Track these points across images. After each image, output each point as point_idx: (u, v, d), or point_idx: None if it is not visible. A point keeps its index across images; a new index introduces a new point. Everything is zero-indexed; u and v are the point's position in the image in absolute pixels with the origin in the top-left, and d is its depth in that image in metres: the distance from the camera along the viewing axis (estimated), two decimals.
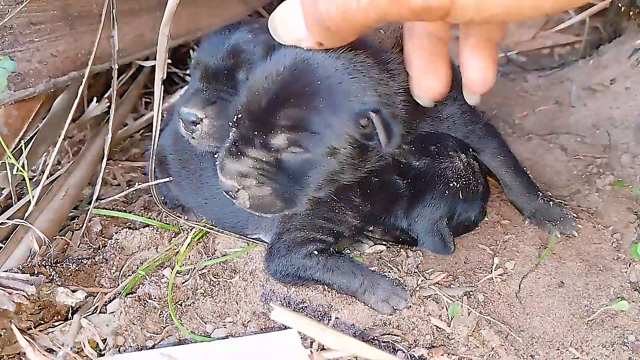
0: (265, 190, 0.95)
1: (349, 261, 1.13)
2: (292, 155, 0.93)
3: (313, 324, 0.84)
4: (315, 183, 0.96)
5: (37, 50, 1.31)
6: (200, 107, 1.11)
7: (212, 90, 1.13)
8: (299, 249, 1.13)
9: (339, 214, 1.16)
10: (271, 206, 0.98)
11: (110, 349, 1.00)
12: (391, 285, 1.10)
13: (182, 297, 1.14)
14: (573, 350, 1.02)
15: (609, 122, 1.65)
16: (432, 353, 0.99)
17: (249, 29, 1.14)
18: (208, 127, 1.11)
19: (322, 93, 0.88)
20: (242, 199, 0.97)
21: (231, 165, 0.94)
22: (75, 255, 1.23)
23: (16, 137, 1.37)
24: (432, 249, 1.19)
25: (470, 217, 1.23)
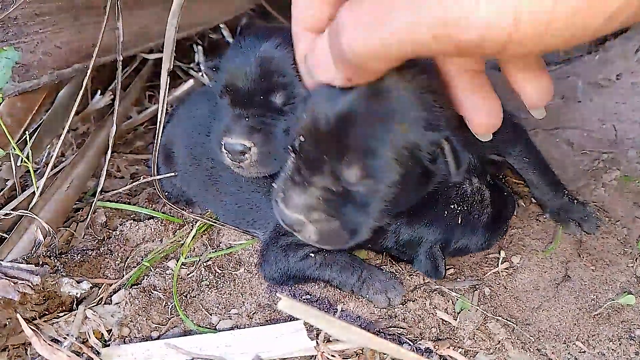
0: (334, 224, 0.86)
1: (345, 255, 1.12)
2: (365, 188, 0.84)
3: (321, 315, 0.84)
4: (379, 212, 0.87)
5: (41, 41, 1.30)
6: (246, 136, 1.04)
7: (252, 116, 1.06)
8: (296, 252, 1.11)
9: None
10: (338, 239, 0.88)
11: (115, 339, 1.00)
12: (388, 278, 1.09)
13: (187, 288, 1.14)
14: (580, 344, 1.01)
15: (615, 117, 1.65)
16: (438, 346, 0.99)
17: (275, 43, 1.06)
18: (257, 156, 1.06)
19: (395, 117, 0.80)
20: (310, 233, 0.87)
21: (297, 198, 0.85)
22: (79, 247, 1.23)
23: (20, 129, 1.36)
24: (423, 271, 1.13)
25: (468, 245, 1.15)
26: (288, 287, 1.13)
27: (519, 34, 0.54)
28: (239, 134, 1.05)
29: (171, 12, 1.21)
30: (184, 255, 1.20)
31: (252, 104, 1.07)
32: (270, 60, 1.04)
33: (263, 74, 1.05)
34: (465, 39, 0.55)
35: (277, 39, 1.06)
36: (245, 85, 1.06)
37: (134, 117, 1.79)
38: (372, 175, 0.82)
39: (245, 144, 1.04)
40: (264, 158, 1.06)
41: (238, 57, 1.07)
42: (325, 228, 0.86)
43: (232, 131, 1.06)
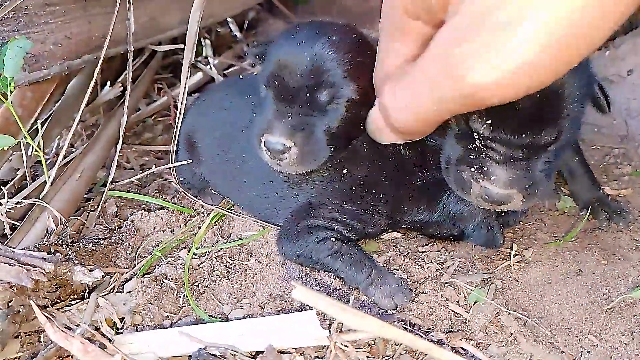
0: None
1: (361, 252, 1.11)
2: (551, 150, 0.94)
3: (334, 303, 0.84)
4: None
5: (51, 32, 1.30)
6: (288, 135, 1.01)
7: (296, 114, 1.03)
8: (317, 233, 1.12)
9: (375, 216, 1.15)
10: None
11: (127, 327, 1.00)
12: (398, 282, 1.08)
13: (198, 278, 1.14)
14: (592, 337, 1.01)
15: (626, 113, 1.65)
16: (451, 338, 0.99)
17: (330, 41, 1.03)
18: (297, 155, 1.03)
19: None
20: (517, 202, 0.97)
21: (507, 173, 0.95)
22: (91, 236, 1.23)
23: (31, 119, 1.37)
24: (481, 242, 1.15)
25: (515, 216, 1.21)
26: (302, 264, 1.15)
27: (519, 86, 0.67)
28: (281, 132, 1.02)
29: (194, 5, 1.21)
30: (195, 245, 1.20)
31: (297, 100, 1.03)
32: (322, 58, 1.02)
33: (313, 70, 1.02)
34: (481, 102, 0.71)
35: (333, 37, 1.04)
36: (293, 79, 1.02)
37: (142, 109, 1.80)
38: (560, 138, 0.92)
39: (286, 143, 1.02)
40: (304, 158, 1.04)
41: (289, 49, 1.04)
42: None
43: (273, 129, 1.03)
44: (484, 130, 0.92)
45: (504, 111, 0.86)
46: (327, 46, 1.02)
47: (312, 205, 1.15)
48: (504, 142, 0.92)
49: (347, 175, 1.14)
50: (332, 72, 1.02)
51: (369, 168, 1.14)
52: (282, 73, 1.03)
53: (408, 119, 0.84)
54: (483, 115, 0.90)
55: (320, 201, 1.15)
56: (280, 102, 1.04)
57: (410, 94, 0.81)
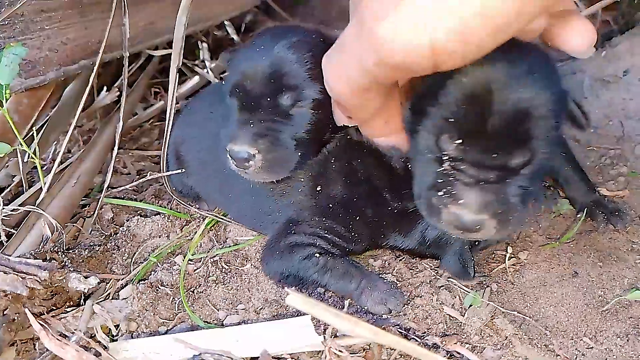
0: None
1: (347, 262, 1.10)
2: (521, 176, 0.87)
3: (329, 310, 0.84)
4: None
5: (47, 38, 1.30)
6: (251, 143, 1.01)
7: (258, 121, 1.03)
8: (301, 251, 1.10)
9: (355, 234, 1.13)
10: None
11: (123, 334, 1.00)
12: (389, 287, 1.07)
13: (194, 284, 1.14)
14: (587, 340, 1.01)
15: (622, 114, 1.65)
16: (446, 341, 0.99)
17: (289, 44, 1.03)
18: (262, 162, 1.03)
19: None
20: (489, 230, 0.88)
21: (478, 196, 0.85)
22: (87, 242, 1.24)
23: (27, 125, 1.36)
24: (453, 273, 1.12)
25: (493, 242, 1.17)
26: (290, 285, 1.12)
27: (440, 55, 0.66)
28: (243, 141, 1.02)
29: (180, 9, 1.21)
30: (191, 252, 1.20)
31: (260, 107, 1.04)
32: (281, 61, 1.02)
33: (273, 75, 1.02)
34: (394, 63, 0.69)
35: (290, 39, 1.04)
36: (254, 87, 1.03)
37: (139, 114, 1.80)
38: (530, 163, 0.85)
39: (250, 151, 1.02)
40: (269, 164, 1.04)
41: (250, 57, 1.04)
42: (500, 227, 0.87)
43: (236, 137, 1.03)
44: (454, 151, 0.86)
45: (474, 130, 0.82)
46: (286, 49, 1.02)
47: (292, 221, 1.14)
48: (474, 164, 0.85)
49: (322, 192, 1.12)
50: (292, 75, 1.02)
51: (342, 187, 1.12)
52: (243, 81, 1.03)
53: (343, 90, 0.82)
54: (453, 135, 0.85)
55: (300, 217, 1.13)
56: (243, 111, 1.05)
57: (340, 63, 0.80)
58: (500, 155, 0.83)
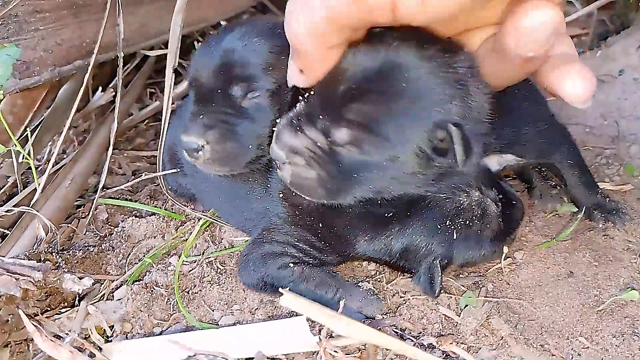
0: (310, 174, 0.89)
1: (323, 272, 1.09)
2: (349, 153, 0.86)
3: (323, 310, 0.84)
4: (365, 185, 0.89)
5: (41, 38, 1.30)
6: (200, 134, 1.02)
7: (209, 112, 1.03)
8: (275, 260, 1.09)
9: (325, 243, 1.11)
10: (311, 191, 0.92)
11: (117, 335, 1.00)
12: (365, 295, 1.07)
13: (189, 284, 1.14)
14: (583, 339, 1.01)
15: (617, 113, 1.65)
16: (441, 342, 0.99)
17: (239, 34, 1.03)
18: (211, 153, 1.03)
19: (406, 96, 0.81)
20: (286, 173, 0.92)
21: (286, 137, 0.89)
22: (81, 243, 1.23)
23: (21, 126, 1.36)
24: (420, 287, 1.08)
25: (474, 259, 1.10)
26: (266, 294, 1.11)
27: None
28: (192, 131, 1.03)
29: (175, 10, 1.20)
30: (185, 252, 1.20)
31: (212, 99, 1.04)
32: (231, 52, 1.02)
33: (222, 66, 1.02)
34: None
35: (241, 30, 1.04)
36: (206, 79, 1.04)
37: (135, 114, 1.79)
38: (361, 145, 0.84)
39: (199, 142, 1.02)
40: (219, 156, 1.04)
41: (203, 52, 1.06)
42: (301, 174, 0.90)
43: (187, 129, 1.04)
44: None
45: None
46: (236, 40, 1.02)
47: (265, 230, 1.12)
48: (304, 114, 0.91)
49: (290, 199, 1.10)
50: (242, 66, 1.01)
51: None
52: (197, 74, 1.05)
53: (300, 31, 0.76)
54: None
55: (272, 224, 1.12)
56: (197, 103, 1.06)
57: (302, 2, 0.75)
58: (326, 121, 0.86)
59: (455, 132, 0.80)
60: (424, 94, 0.81)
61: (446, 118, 0.81)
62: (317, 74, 0.84)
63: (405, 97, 0.80)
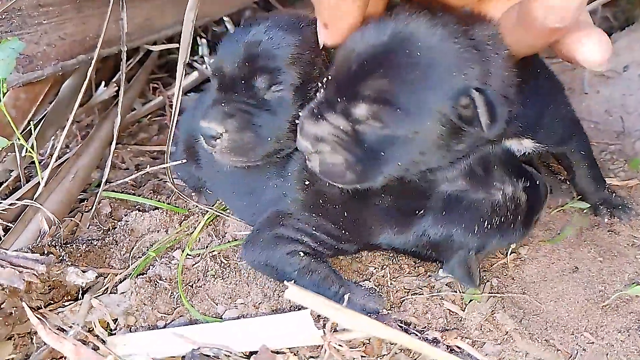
0: (338, 159, 0.89)
1: (329, 269, 1.09)
2: (372, 129, 0.86)
3: (328, 304, 0.84)
4: (393, 162, 0.89)
5: (45, 32, 1.30)
6: (219, 122, 1.02)
7: (231, 101, 1.04)
8: (285, 245, 1.08)
9: (345, 232, 1.10)
10: (341, 176, 0.92)
11: (121, 328, 1.00)
12: (367, 294, 1.06)
13: (192, 278, 1.13)
14: (588, 335, 1.00)
15: (622, 109, 1.65)
16: (446, 336, 0.98)
17: (265, 27, 1.04)
18: (228, 142, 1.03)
19: (420, 65, 0.81)
20: (314, 162, 0.92)
21: (309, 127, 0.90)
22: (85, 237, 1.23)
23: (25, 120, 1.36)
24: (457, 278, 1.09)
25: (504, 244, 1.12)
26: (267, 275, 1.12)
27: None
28: (212, 118, 1.03)
29: (188, 6, 1.20)
30: (189, 246, 1.19)
31: (235, 89, 1.05)
32: (256, 44, 1.02)
33: (247, 58, 1.02)
34: None
35: (267, 23, 1.04)
36: (231, 69, 1.04)
37: (138, 109, 1.79)
38: (381, 118, 0.84)
39: (217, 129, 1.03)
40: (237, 145, 1.04)
41: (229, 43, 1.07)
42: (328, 161, 0.90)
43: (207, 116, 1.04)
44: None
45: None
46: (263, 34, 1.03)
47: (281, 213, 1.12)
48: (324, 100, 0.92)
49: (311, 187, 1.09)
50: (267, 58, 1.02)
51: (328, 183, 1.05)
52: (222, 63, 1.05)
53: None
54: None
55: (290, 210, 1.11)
56: (219, 91, 1.07)
57: None
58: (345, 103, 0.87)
59: (478, 97, 0.80)
60: (439, 62, 0.81)
61: (467, 84, 0.81)
62: (341, 29, 0.83)
63: (419, 66, 0.81)
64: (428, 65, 0.81)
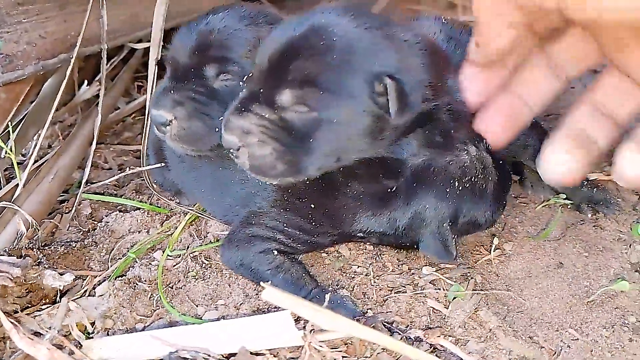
0: (267, 150, 0.89)
1: (303, 269, 1.08)
2: (298, 115, 0.87)
3: (306, 304, 0.83)
4: (322, 150, 0.89)
5: (25, 31, 1.28)
6: (169, 109, 1.04)
7: (181, 89, 1.05)
8: (259, 243, 1.08)
9: (317, 225, 1.08)
10: (272, 169, 0.90)
11: (99, 332, 0.98)
12: (339, 298, 1.04)
13: (173, 279, 1.12)
14: (572, 331, 0.99)
15: None
16: (429, 334, 0.97)
17: (221, 17, 1.05)
18: (177, 129, 1.05)
19: (337, 49, 0.84)
20: (243, 157, 0.91)
21: (235, 121, 0.90)
22: (64, 239, 1.21)
23: (5, 120, 1.34)
24: (433, 254, 1.05)
25: (477, 218, 1.09)
26: (243, 275, 1.11)
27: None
28: (161, 105, 1.05)
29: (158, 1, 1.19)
30: (170, 247, 1.18)
31: (186, 77, 1.06)
32: (209, 33, 1.03)
33: (199, 47, 1.04)
34: None
35: (225, 13, 1.05)
36: (183, 58, 1.06)
37: (122, 108, 1.77)
38: (306, 102, 0.86)
39: (166, 116, 1.04)
40: (187, 133, 1.05)
41: (184, 32, 1.08)
42: (258, 153, 0.89)
43: (157, 103, 1.06)
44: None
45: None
46: (217, 23, 1.04)
47: (253, 213, 1.11)
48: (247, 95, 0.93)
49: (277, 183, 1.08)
50: (219, 48, 1.03)
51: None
52: (175, 52, 1.07)
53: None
54: None
55: (261, 209, 1.11)
56: (171, 80, 1.08)
57: None
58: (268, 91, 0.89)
59: (390, 84, 0.83)
60: (355, 46, 0.85)
61: (381, 70, 0.84)
62: (490, 50, 0.77)
63: (337, 49, 0.84)
64: (345, 49, 0.84)
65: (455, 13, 2.23)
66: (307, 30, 0.86)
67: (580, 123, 0.73)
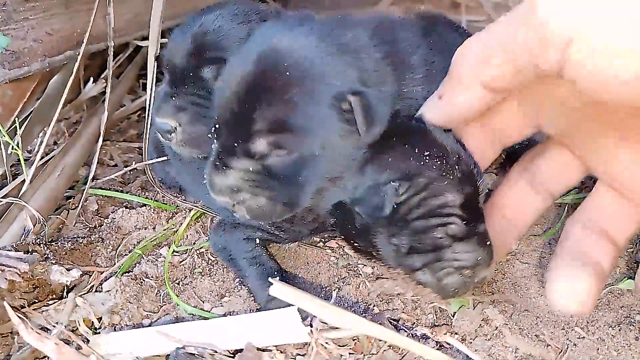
0: (261, 200, 0.86)
1: (277, 272, 1.05)
2: (279, 159, 0.84)
3: (314, 301, 0.83)
4: (314, 181, 0.86)
5: (31, 28, 1.28)
6: (172, 115, 1.03)
7: (182, 94, 1.04)
8: (244, 230, 1.08)
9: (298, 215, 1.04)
10: (272, 213, 0.89)
11: (105, 327, 0.99)
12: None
13: (179, 275, 1.12)
14: (579, 330, 0.99)
15: None
16: (435, 332, 0.97)
17: (214, 17, 1.03)
18: (183, 135, 1.04)
19: (293, 82, 0.79)
20: (241, 212, 0.89)
21: (219, 181, 0.87)
22: (70, 234, 1.22)
23: (11, 117, 1.34)
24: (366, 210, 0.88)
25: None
26: (222, 260, 1.12)
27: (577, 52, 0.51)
28: (165, 113, 1.04)
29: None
30: (176, 243, 1.18)
31: (184, 81, 1.05)
32: (204, 34, 1.02)
33: (195, 48, 1.02)
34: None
35: (217, 13, 1.03)
36: (179, 61, 1.04)
37: (127, 105, 1.77)
38: (283, 145, 0.82)
39: (171, 123, 1.03)
40: (192, 138, 1.04)
41: (178, 34, 1.06)
42: (253, 205, 0.87)
43: (159, 110, 1.05)
44: None
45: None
46: (211, 23, 1.02)
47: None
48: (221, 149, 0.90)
49: None
50: (217, 46, 1.01)
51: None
52: (171, 56, 1.06)
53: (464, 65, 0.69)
54: None
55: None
56: (170, 84, 1.07)
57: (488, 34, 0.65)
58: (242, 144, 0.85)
59: (354, 100, 0.78)
60: (310, 74, 0.79)
61: (343, 89, 0.79)
62: (454, 107, 0.74)
63: (292, 83, 0.79)
64: (302, 80, 0.79)
65: (459, 12, 2.22)
66: (257, 66, 0.81)
67: (582, 245, 0.71)
